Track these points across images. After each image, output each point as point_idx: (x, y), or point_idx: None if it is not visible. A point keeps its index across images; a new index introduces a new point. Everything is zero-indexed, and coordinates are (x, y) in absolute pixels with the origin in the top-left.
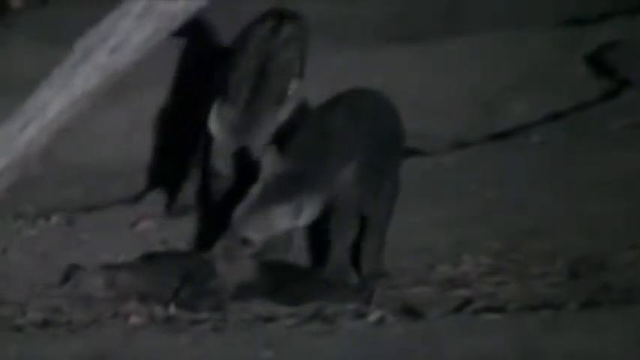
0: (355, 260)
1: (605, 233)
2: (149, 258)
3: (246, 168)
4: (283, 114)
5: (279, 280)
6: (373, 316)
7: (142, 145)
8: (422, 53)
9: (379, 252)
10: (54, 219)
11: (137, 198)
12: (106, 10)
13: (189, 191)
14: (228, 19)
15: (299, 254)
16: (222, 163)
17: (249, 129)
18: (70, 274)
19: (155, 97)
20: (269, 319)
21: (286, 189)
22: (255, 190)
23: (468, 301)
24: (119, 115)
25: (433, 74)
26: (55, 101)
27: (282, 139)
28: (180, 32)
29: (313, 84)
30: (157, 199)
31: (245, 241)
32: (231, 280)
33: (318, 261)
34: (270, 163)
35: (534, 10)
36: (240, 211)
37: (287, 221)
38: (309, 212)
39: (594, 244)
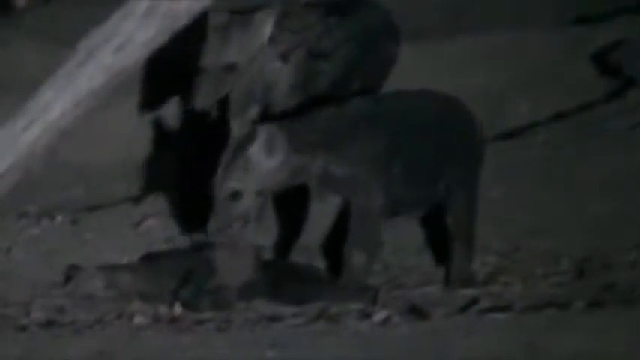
0: None
1: (609, 233)
2: (151, 258)
3: None
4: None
5: (283, 280)
6: (378, 316)
7: (145, 145)
8: (425, 52)
9: (467, 259)
10: (58, 219)
11: (140, 197)
12: (110, 9)
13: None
14: None
15: (315, 259)
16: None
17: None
18: (72, 273)
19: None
20: (274, 319)
21: (252, 130)
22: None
23: (473, 301)
24: (123, 114)
25: (437, 73)
26: (58, 101)
27: None
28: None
29: None
30: (160, 198)
31: (234, 196)
32: (235, 280)
33: (335, 269)
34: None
35: (538, 10)
36: (219, 170)
37: (263, 160)
38: (282, 147)
39: (599, 243)
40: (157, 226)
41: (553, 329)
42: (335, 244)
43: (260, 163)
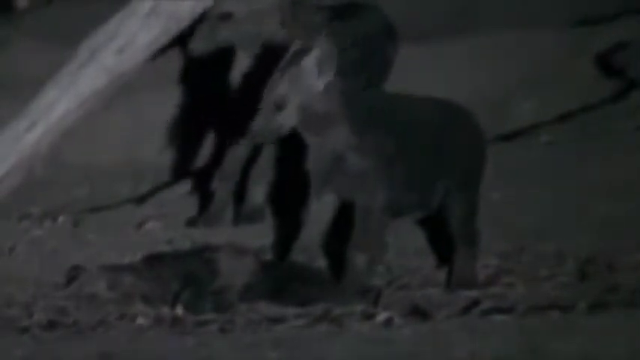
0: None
1: (613, 234)
2: (154, 259)
3: None
4: None
5: (285, 281)
6: (381, 318)
7: (148, 146)
8: (430, 53)
9: (469, 261)
10: (60, 219)
11: (143, 199)
12: (113, 10)
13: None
14: None
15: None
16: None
17: None
18: (74, 275)
19: (161, 96)
20: (276, 321)
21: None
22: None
23: (476, 303)
24: (125, 115)
25: (441, 74)
26: (61, 102)
27: None
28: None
29: None
30: (162, 199)
31: (279, 104)
32: (237, 281)
33: (337, 270)
34: None
35: (543, 10)
36: (274, 76)
37: (314, 76)
38: (331, 70)
39: (603, 245)
40: (159, 228)
41: (556, 331)
42: (336, 244)
43: (310, 80)
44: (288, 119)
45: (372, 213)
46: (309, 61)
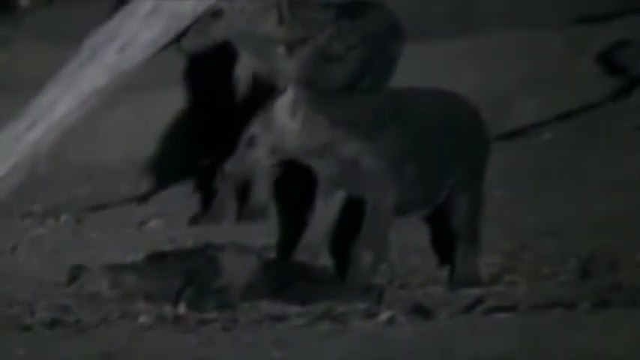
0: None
1: (615, 233)
2: (156, 258)
3: None
4: None
5: (288, 280)
6: (383, 316)
7: (150, 145)
8: (431, 52)
9: (472, 259)
10: (62, 218)
11: (145, 197)
12: (114, 9)
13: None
14: None
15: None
16: None
17: None
18: (76, 273)
19: (162, 96)
20: (278, 319)
21: (287, 88)
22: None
23: (478, 301)
24: (127, 114)
25: (442, 73)
26: (62, 101)
27: None
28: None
29: None
30: (164, 198)
31: (250, 141)
32: (240, 279)
33: (340, 268)
34: None
35: (544, 9)
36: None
37: (286, 117)
38: (302, 113)
39: (605, 243)
40: (162, 226)
41: (558, 329)
42: (339, 243)
43: (282, 120)
44: (260, 154)
45: (382, 212)
46: (280, 103)
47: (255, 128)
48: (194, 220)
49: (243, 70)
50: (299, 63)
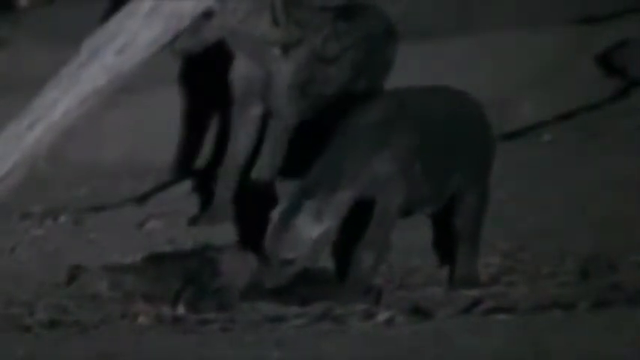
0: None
1: (615, 233)
2: (155, 258)
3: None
4: None
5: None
6: (382, 316)
7: (149, 145)
8: (431, 52)
9: (472, 260)
10: (61, 218)
11: (145, 197)
12: (113, 9)
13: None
14: None
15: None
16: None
17: None
18: (75, 274)
19: (163, 96)
20: (278, 320)
21: (299, 198)
22: (279, 207)
23: (477, 301)
24: (127, 114)
25: (442, 73)
26: (62, 101)
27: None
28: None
29: None
30: (164, 199)
31: (287, 262)
32: (238, 280)
33: (340, 269)
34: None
35: (544, 9)
36: (268, 235)
37: (312, 227)
38: (332, 211)
39: (604, 244)
40: (161, 227)
41: (558, 330)
42: (339, 243)
43: (312, 230)
44: (299, 267)
45: (390, 213)
46: (302, 220)
47: (287, 253)
48: (193, 221)
49: (238, 72)
50: (294, 64)
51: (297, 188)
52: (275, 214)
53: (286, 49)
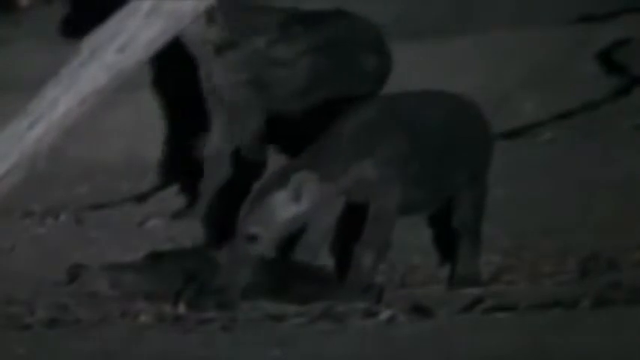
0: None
1: (615, 232)
2: (156, 257)
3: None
4: None
5: (287, 279)
6: (383, 315)
7: (150, 144)
8: (429, 51)
9: (473, 258)
10: (62, 217)
11: (145, 196)
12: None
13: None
14: None
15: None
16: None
17: None
18: (76, 272)
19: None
20: (278, 318)
21: (283, 174)
22: (258, 184)
23: (478, 300)
24: (127, 113)
25: (441, 72)
26: (62, 100)
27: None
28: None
29: None
30: (164, 197)
31: (251, 238)
32: (239, 279)
33: (340, 268)
34: None
35: (543, 8)
36: (243, 208)
37: (288, 207)
38: (310, 193)
39: (605, 242)
40: (161, 225)
41: (558, 328)
42: (339, 243)
43: (286, 209)
44: (262, 248)
45: (386, 214)
46: (283, 195)
47: (254, 227)
48: (176, 215)
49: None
50: (227, 65)
51: (281, 168)
52: (254, 189)
53: (219, 49)
